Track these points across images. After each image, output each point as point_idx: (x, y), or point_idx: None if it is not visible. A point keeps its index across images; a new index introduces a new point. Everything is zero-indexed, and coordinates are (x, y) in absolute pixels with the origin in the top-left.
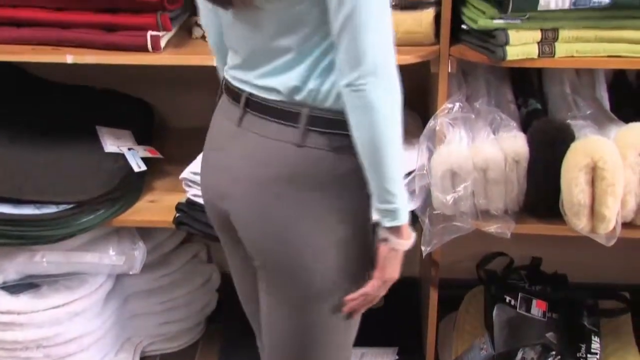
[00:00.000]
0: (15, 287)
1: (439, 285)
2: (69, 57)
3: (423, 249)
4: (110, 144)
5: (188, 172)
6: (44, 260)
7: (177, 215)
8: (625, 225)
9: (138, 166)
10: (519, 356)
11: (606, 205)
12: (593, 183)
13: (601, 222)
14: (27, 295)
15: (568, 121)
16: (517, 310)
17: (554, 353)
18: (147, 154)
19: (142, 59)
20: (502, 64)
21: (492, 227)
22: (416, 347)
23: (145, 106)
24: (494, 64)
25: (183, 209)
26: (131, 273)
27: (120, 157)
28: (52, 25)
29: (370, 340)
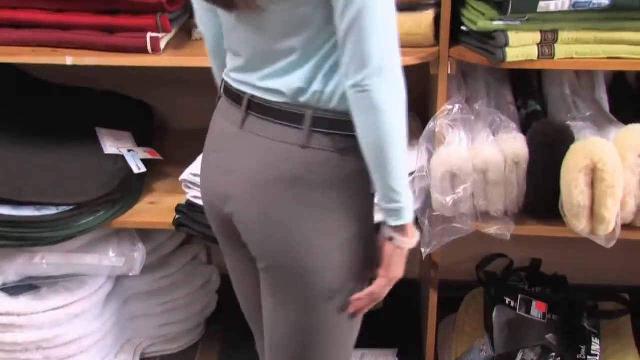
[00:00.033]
0: (14, 289)
1: (439, 286)
2: (68, 58)
3: (423, 250)
4: (110, 146)
5: (188, 173)
6: (44, 261)
7: (176, 216)
8: (625, 226)
9: (138, 168)
10: (518, 358)
11: (606, 206)
12: (593, 185)
13: (601, 223)
14: (27, 297)
15: (568, 123)
16: (517, 311)
17: (553, 354)
18: (146, 156)
19: (141, 60)
20: (501, 65)
21: (492, 229)
22: (416, 348)
23: (145, 108)
24: (494, 65)
25: (183, 210)
26: (131, 275)
27: (120, 158)
28: (52, 26)
29: (370, 341)
